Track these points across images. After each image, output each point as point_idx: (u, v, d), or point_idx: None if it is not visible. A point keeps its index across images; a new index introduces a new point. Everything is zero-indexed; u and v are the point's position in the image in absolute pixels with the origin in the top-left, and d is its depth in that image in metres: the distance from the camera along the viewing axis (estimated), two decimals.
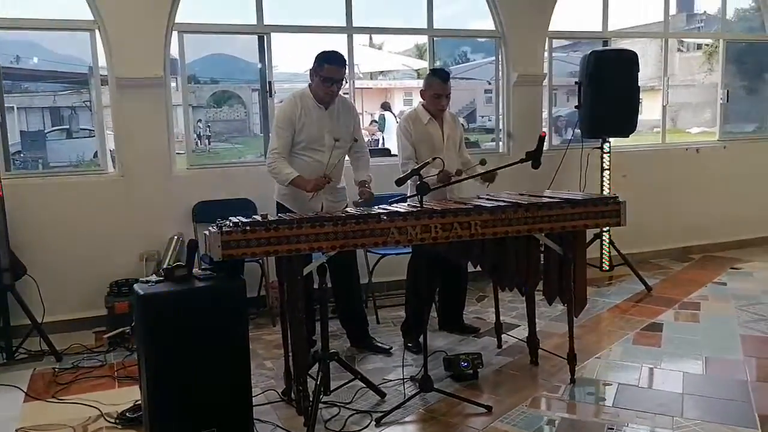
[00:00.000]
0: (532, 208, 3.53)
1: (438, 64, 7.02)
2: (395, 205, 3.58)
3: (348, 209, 3.80)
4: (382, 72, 17.30)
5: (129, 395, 3.67)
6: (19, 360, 4.34)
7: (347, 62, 4.13)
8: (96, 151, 5.21)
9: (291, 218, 3.26)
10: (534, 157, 3.64)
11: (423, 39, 6.12)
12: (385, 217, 3.31)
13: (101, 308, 4.83)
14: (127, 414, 3.44)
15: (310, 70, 4.07)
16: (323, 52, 4.05)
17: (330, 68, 4.00)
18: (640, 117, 5.85)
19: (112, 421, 3.43)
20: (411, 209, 3.42)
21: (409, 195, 4.19)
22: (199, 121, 19.05)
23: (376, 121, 11.72)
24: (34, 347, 4.45)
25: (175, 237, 5.00)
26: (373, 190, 4.14)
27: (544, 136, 3.60)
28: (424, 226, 3.34)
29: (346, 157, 4.32)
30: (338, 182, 4.23)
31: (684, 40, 17.67)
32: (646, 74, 8.21)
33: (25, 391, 3.86)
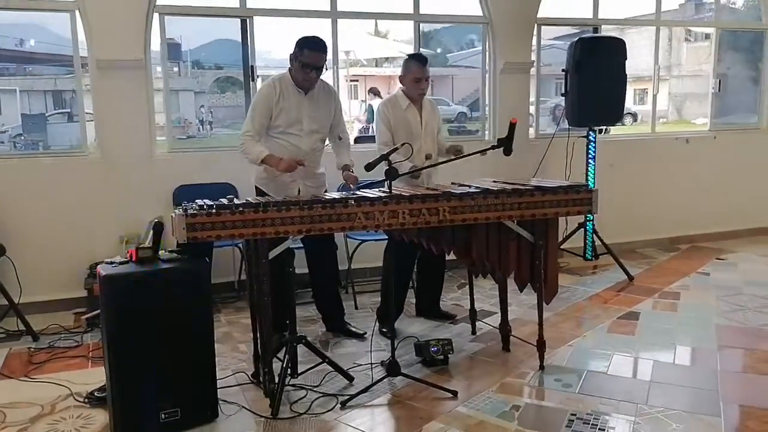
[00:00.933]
0: (501, 195, 3.52)
1: (439, 51, 6.95)
2: (364, 190, 3.58)
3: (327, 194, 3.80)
4: (387, 59, 17.26)
5: (101, 375, 3.63)
6: None
7: (327, 48, 4.08)
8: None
9: (257, 202, 3.28)
10: (505, 144, 3.62)
11: (427, 27, 6.09)
12: (352, 202, 3.31)
13: (82, 290, 4.86)
14: (95, 393, 3.46)
15: (290, 54, 4.03)
16: (304, 38, 4.00)
17: (310, 54, 3.95)
18: (645, 107, 5.81)
19: (81, 400, 3.46)
20: (379, 195, 3.42)
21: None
22: (202, 106, 19.04)
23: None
24: (13, 327, 4.48)
25: (155, 220, 5.01)
26: (356, 174, 4.13)
27: (515, 122, 3.57)
28: (392, 211, 3.35)
29: (326, 143, 4.31)
30: (317, 168, 4.22)
31: (692, 29, 17.49)
32: (652, 63, 8.08)
33: None
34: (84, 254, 4.87)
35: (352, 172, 4.15)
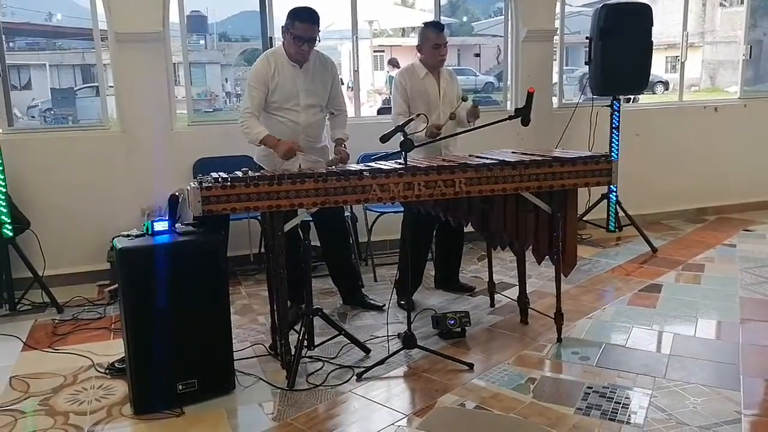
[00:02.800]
0: (519, 166, 3.48)
1: (465, 19, 6.84)
2: (380, 162, 3.56)
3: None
4: (414, 29, 17.11)
5: (122, 347, 3.70)
6: (22, 311, 4.48)
7: (320, 19, 3.93)
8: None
9: (272, 174, 3.27)
10: (523, 113, 3.56)
11: None
12: (367, 174, 3.29)
13: (105, 262, 4.93)
14: (116, 364, 3.53)
15: (282, 26, 3.95)
16: (295, 9, 3.89)
17: (301, 26, 3.83)
18: (677, 75, 5.65)
19: (102, 371, 3.53)
20: (394, 166, 3.39)
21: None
22: (227, 79, 19.06)
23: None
24: (38, 299, 4.56)
25: (176, 193, 5.05)
26: (349, 149, 4.06)
27: (533, 92, 3.50)
28: (407, 183, 3.33)
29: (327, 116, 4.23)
30: (318, 142, 4.14)
31: None
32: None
33: (24, 341, 3.98)
34: (107, 227, 4.90)
35: (345, 147, 4.04)
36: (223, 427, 2.97)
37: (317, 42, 3.95)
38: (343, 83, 8.51)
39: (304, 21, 3.84)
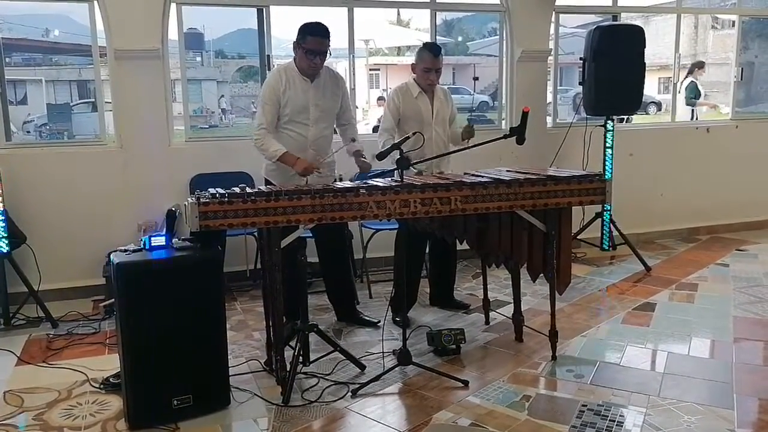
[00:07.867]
0: (513, 184, 3.51)
1: (460, 39, 6.90)
2: (375, 179, 3.59)
3: (337, 183, 3.80)
4: (409, 47, 17.25)
5: (116, 361, 3.70)
6: (16, 326, 4.47)
7: (330, 34, 4.02)
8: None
9: (269, 190, 3.28)
10: (518, 132, 3.60)
11: (450, 15, 6.07)
12: (363, 191, 3.32)
13: (100, 277, 4.93)
14: (110, 379, 3.52)
15: (294, 42, 4.02)
16: (306, 24, 3.97)
17: (313, 40, 3.92)
18: (670, 96, 5.71)
19: (97, 386, 3.52)
20: (391, 184, 3.42)
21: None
22: (222, 96, 19.14)
23: (382, 98, 11.68)
24: (33, 314, 4.56)
25: (173, 208, 5.06)
26: (346, 167, 4.19)
27: (527, 111, 3.55)
28: (403, 200, 3.35)
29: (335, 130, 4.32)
30: (326, 156, 4.22)
31: (719, 17, 17.14)
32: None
33: (18, 355, 3.96)
34: (102, 242, 4.91)
35: (364, 157, 4.14)
36: None
37: (329, 55, 4.02)
38: None
39: (316, 35, 3.93)
